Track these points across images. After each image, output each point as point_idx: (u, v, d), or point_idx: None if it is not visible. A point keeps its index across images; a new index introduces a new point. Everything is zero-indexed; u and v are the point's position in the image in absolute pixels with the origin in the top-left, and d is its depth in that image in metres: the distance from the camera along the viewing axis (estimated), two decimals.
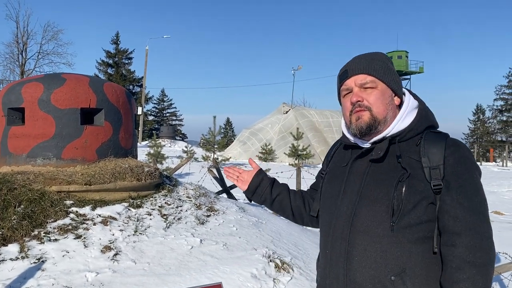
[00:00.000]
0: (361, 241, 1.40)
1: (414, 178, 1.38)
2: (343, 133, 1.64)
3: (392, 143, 1.47)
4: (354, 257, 1.41)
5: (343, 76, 1.53)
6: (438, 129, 1.53)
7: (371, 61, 1.49)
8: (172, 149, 30.68)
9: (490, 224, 1.38)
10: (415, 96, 1.58)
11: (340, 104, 1.60)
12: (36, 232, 3.80)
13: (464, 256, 1.32)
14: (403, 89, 1.58)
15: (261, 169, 1.87)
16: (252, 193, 1.83)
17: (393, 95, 1.52)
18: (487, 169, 24.76)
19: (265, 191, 1.81)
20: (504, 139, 50.76)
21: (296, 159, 22.52)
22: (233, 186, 9.89)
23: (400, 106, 1.54)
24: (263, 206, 1.95)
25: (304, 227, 6.66)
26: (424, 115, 1.51)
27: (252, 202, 1.94)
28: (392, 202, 1.37)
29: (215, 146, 23.06)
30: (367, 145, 1.51)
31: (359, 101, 1.47)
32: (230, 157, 24.32)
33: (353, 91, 1.49)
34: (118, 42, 48.18)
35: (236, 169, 1.90)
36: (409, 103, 1.52)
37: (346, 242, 1.43)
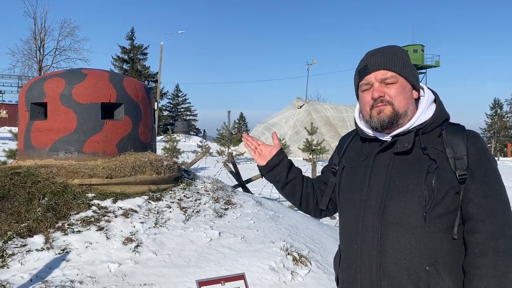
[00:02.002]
0: (394, 232, 1.42)
1: (441, 169, 1.41)
2: (358, 126, 1.64)
3: (416, 135, 1.49)
4: (388, 249, 1.42)
5: (363, 71, 1.54)
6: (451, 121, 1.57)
7: (390, 56, 1.51)
8: (187, 143, 30.91)
9: (511, 211, 1.43)
10: (431, 90, 1.62)
11: (357, 98, 1.62)
12: (60, 224, 3.91)
13: (487, 242, 1.37)
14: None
15: (281, 148, 1.84)
16: (269, 171, 1.80)
17: (412, 89, 1.54)
18: (505, 164, 24.31)
19: (282, 172, 1.79)
20: None
21: (310, 154, 22.48)
22: (249, 181, 9.94)
23: (417, 99, 1.56)
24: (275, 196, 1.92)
25: (321, 221, 6.68)
26: (442, 108, 1.55)
27: (263, 178, 1.93)
28: (423, 193, 1.39)
29: (230, 141, 23.13)
30: (388, 138, 1.53)
31: (381, 96, 1.49)
32: (244, 152, 24.38)
33: (374, 86, 1.51)
34: (133, 38, 48.56)
35: (255, 139, 1.88)
36: (429, 96, 1.56)
37: (378, 235, 1.43)
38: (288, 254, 4.07)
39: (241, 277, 2.09)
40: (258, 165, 1.85)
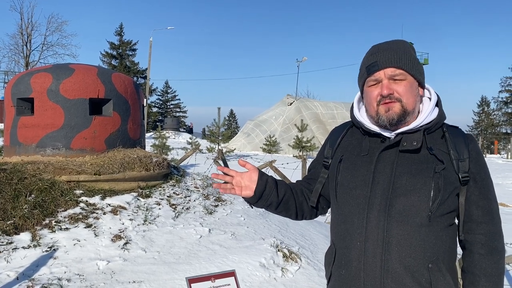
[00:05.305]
0: (400, 230, 1.41)
1: (446, 170, 1.43)
2: (358, 120, 1.60)
3: (423, 135, 1.49)
4: (394, 247, 1.41)
5: (372, 67, 1.51)
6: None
7: (400, 54, 1.49)
8: (177, 140, 30.73)
9: None
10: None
11: (361, 92, 1.60)
12: (47, 221, 3.85)
13: (490, 243, 1.45)
14: None
15: (260, 169, 1.66)
16: (258, 199, 1.62)
17: (418, 86, 1.53)
18: (492, 161, 24.62)
19: (271, 194, 1.63)
20: (509, 131, 50.56)
21: (300, 151, 22.52)
22: None
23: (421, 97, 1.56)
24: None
25: None
26: (442, 109, 1.55)
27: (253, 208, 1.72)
28: (430, 193, 1.41)
29: (220, 138, 23.06)
30: (392, 135, 1.51)
31: (390, 94, 1.47)
32: (235, 149, 24.34)
33: (383, 83, 1.49)
34: (122, 34, 48.15)
35: (226, 171, 1.64)
36: (434, 96, 1.56)
37: (384, 232, 1.42)
38: (278, 250, 4.07)
39: (231, 274, 2.08)
40: (245, 198, 1.64)
